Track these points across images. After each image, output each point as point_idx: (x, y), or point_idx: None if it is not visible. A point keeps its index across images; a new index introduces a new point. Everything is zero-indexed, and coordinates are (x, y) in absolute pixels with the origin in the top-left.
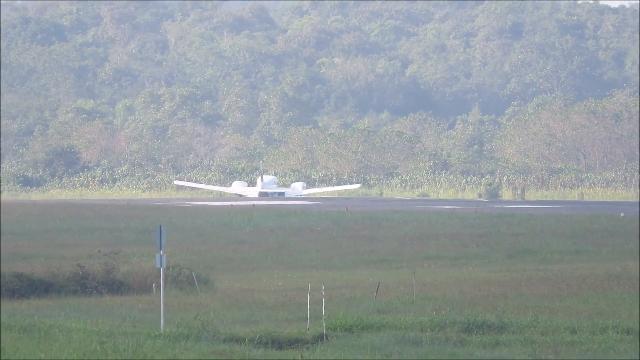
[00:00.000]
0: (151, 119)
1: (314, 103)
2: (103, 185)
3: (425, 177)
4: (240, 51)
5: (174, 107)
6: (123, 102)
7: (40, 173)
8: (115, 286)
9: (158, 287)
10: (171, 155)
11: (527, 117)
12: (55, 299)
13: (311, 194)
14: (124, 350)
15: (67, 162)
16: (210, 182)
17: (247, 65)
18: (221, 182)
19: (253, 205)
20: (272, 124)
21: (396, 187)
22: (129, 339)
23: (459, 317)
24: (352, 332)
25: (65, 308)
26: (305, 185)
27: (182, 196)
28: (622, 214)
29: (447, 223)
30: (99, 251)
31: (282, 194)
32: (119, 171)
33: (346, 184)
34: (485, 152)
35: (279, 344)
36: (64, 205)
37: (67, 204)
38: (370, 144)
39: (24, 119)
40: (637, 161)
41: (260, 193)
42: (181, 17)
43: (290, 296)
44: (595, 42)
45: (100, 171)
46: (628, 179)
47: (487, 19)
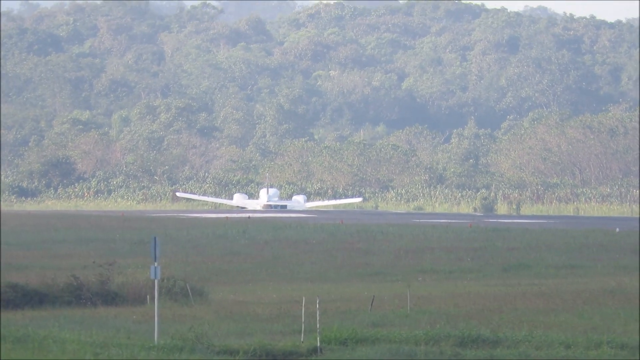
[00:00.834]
0: (147, 131)
1: (310, 115)
2: (98, 196)
3: (420, 191)
4: (236, 63)
5: (170, 118)
6: (119, 113)
7: (36, 184)
8: (109, 297)
9: (152, 299)
10: (166, 167)
11: (522, 132)
12: (50, 309)
13: (315, 207)
14: None
15: (62, 172)
16: (205, 194)
17: (243, 77)
18: (216, 194)
19: (248, 217)
20: (267, 136)
21: (391, 200)
22: (123, 351)
23: (454, 331)
24: (347, 346)
25: (59, 319)
26: (306, 198)
27: (177, 208)
28: (618, 229)
29: (442, 237)
30: (94, 262)
31: (285, 206)
32: (114, 182)
33: (342, 197)
34: (480, 166)
35: (273, 356)
36: (59, 216)
37: (62, 214)
38: (366, 157)
39: (20, 129)
40: (632, 176)
41: (266, 206)
42: (178, 28)
43: (284, 309)
44: (591, 57)
45: (96, 182)
46: (623, 194)
47: (483, 33)
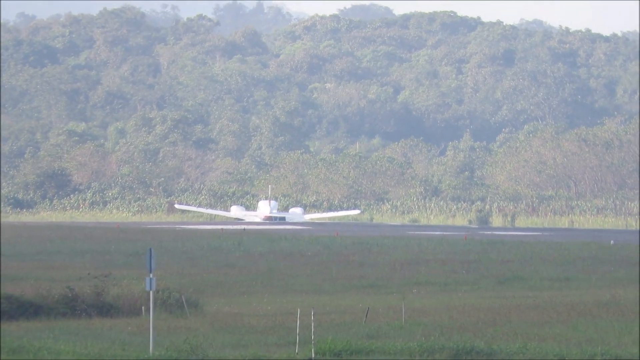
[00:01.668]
0: (142, 142)
1: (305, 128)
2: (94, 207)
3: (415, 203)
4: (232, 75)
5: (166, 130)
6: (115, 125)
7: (31, 195)
8: (104, 309)
9: (147, 310)
10: (162, 179)
11: (518, 144)
12: (45, 321)
13: (315, 219)
14: None
15: (58, 184)
16: (201, 205)
17: (239, 90)
18: (212, 206)
19: (243, 229)
20: (263, 149)
21: (387, 212)
22: None
23: (448, 343)
24: (341, 357)
25: (54, 330)
26: (303, 210)
27: (172, 219)
28: (612, 242)
29: (437, 249)
30: (89, 274)
31: (283, 218)
32: (110, 194)
33: (337, 209)
34: (476, 179)
35: None
36: (54, 227)
37: (57, 226)
38: (361, 170)
39: (16, 140)
40: (627, 189)
41: (267, 217)
42: (173, 40)
43: (279, 320)
44: (586, 70)
45: (91, 194)
46: (618, 207)
47: (479, 46)
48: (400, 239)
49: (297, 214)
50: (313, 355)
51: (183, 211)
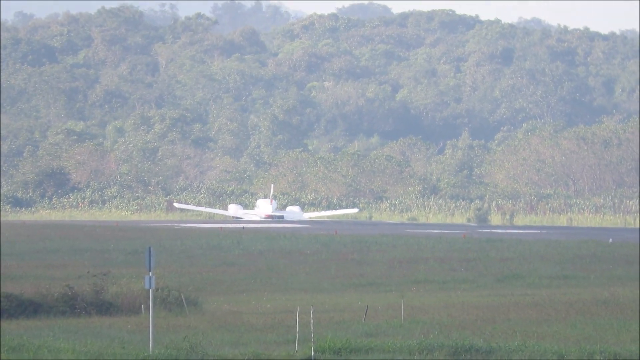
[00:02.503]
0: (141, 141)
1: (304, 126)
2: (92, 206)
3: (414, 202)
4: (230, 74)
5: (164, 129)
6: (113, 123)
7: (30, 194)
8: (104, 307)
9: (147, 309)
10: (161, 178)
11: (516, 143)
12: (44, 319)
13: (314, 217)
14: None
15: (57, 183)
16: (200, 204)
17: (238, 88)
18: (211, 205)
19: (242, 227)
20: (262, 147)
21: (385, 211)
22: None
23: (447, 341)
24: (341, 355)
25: (54, 329)
26: (300, 208)
27: (171, 218)
28: (611, 240)
29: (436, 247)
30: (88, 272)
31: (282, 217)
32: (109, 193)
33: (336, 207)
34: (474, 177)
35: None
36: (53, 226)
37: (56, 224)
38: (359, 168)
39: (14, 140)
40: (625, 187)
41: (268, 216)
42: (172, 39)
43: (278, 319)
44: (585, 69)
45: (90, 192)
46: (617, 205)
47: (477, 45)
48: (399, 238)
49: (294, 212)
50: (312, 354)
51: (182, 209)
